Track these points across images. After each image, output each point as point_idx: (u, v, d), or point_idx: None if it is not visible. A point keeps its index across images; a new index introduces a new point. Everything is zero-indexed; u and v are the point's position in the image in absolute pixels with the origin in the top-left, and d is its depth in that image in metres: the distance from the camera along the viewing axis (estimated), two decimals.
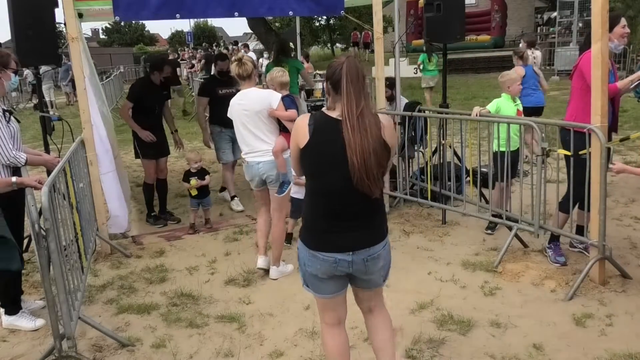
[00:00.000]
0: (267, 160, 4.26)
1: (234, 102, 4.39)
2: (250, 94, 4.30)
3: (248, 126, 4.29)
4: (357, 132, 2.32)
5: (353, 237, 2.45)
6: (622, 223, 5.25)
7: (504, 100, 5.02)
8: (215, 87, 6.34)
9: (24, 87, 20.04)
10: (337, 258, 2.45)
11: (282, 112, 4.23)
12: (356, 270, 2.50)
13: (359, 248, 2.45)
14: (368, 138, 2.32)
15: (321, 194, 2.47)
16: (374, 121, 2.37)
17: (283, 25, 31.87)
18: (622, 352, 3.17)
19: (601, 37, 3.72)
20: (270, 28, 17.64)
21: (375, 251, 2.49)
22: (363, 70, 2.45)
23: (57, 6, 4.77)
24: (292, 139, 2.55)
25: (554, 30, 23.69)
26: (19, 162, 3.61)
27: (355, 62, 2.43)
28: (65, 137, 4.75)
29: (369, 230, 2.48)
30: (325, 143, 2.41)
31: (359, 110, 2.33)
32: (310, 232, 2.53)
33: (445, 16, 5.43)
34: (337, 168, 2.37)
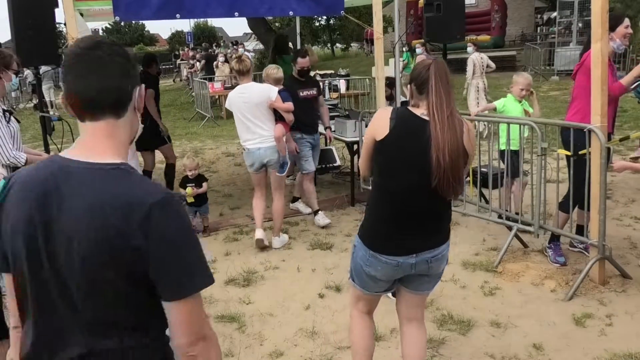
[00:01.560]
0: (268, 146, 4.87)
1: (234, 95, 4.95)
2: (251, 87, 4.91)
3: (248, 116, 4.86)
4: (447, 131, 2.23)
5: (421, 239, 2.39)
6: (622, 223, 5.25)
7: (510, 100, 5.07)
8: (296, 89, 5.41)
9: (24, 88, 20.03)
10: (400, 261, 2.39)
11: (280, 103, 4.86)
12: (419, 271, 2.45)
13: (424, 249, 2.39)
14: (457, 138, 2.25)
15: (392, 192, 2.37)
16: (460, 123, 2.30)
17: (283, 25, 31.87)
18: (622, 352, 3.17)
19: (601, 37, 3.72)
20: (270, 28, 17.64)
21: (440, 252, 2.43)
22: (449, 72, 2.37)
23: (57, 6, 4.77)
24: (369, 130, 2.40)
25: (553, 30, 23.70)
26: (19, 162, 3.61)
27: (443, 63, 2.35)
28: (65, 137, 4.75)
29: (437, 232, 2.43)
30: (406, 139, 2.32)
31: (449, 110, 2.26)
32: (374, 233, 2.45)
33: (445, 16, 5.43)
34: (415, 166, 2.29)
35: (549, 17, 29.17)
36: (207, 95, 14.07)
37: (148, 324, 1.31)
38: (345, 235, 5.35)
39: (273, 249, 5.09)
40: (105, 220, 1.20)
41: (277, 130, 4.89)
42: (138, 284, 1.24)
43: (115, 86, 1.31)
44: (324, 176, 7.69)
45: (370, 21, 5.75)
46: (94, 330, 1.27)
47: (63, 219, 1.23)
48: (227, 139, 11.07)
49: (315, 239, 5.26)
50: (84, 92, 1.29)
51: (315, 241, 5.19)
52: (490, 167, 5.46)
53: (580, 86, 4.25)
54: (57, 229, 1.23)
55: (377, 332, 3.51)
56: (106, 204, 1.21)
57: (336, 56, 37.97)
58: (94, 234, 1.20)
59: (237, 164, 8.35)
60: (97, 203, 1.21)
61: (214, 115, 14.05)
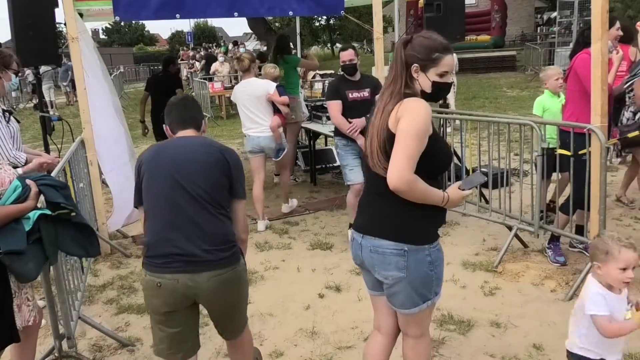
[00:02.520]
0: (266, 136, 5.54)
1: (238, 88, 5.72)
2: (253, 82, 5.62)
3: (250, 108, 5.55)
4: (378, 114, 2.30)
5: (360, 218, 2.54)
6: (622, 223, 5.25)
7: (547, 97, 4.97)
8: (344, 90, 4.99)
9: (24, 88, 20.03)
10: (354, 238, 2.57)
11: (277, 97, 5.49)
12: (367, 261, 2.43)
13: (363, 231, 2.46)
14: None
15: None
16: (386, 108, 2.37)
17: (283, 25, 31.88)
18: (622, 352, 3.17)
19: (601, 37, 3.72)
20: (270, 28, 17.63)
21: (380, 246, 2.30)
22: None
23: (57, 6, 4.77)
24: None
25: (553, 30, 23.69)
26: (19, 162, 3.61)
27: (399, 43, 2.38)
28: (65, 137, 4.75)
29: (374, 220, 2.45)
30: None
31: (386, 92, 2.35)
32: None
33: (445, 16, 5.43)
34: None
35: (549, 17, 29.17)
36: (207, 95, 14.07)
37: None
38: (346, 235, 5.34)
39: (273, 250, 5.10)
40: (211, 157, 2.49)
41: (273, 121, 5.53)
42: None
43: (196, 116, 2.70)
44: (324, 176, 7.69)
45: (370, 21, 5.75)
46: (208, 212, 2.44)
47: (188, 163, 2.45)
48: (227, 139, 11.08)
49: (315, 239, 5.26)
50: (182, 117, 2.66)
51: (315, 241, 5.19)
52: (490, 167, 5.46)
53: (570, 90, 4.30)
54: (185, 167, 2.44)
55: None
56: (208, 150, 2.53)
57: (336, 56, 37.99)
58: (207, 165, 2.46)
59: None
60: (203, 149, 2.52)
61: (214, 115, 14.05)
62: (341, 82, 5.04)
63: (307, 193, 6.89)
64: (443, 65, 2.23)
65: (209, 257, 2.37)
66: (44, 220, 2.50)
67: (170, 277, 2.37)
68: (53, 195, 2.58)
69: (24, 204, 2.47)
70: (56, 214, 2.55)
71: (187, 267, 2.36)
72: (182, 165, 2.43)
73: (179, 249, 2.36)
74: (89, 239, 2.74)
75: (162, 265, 2.38)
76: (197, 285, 2.38)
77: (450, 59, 2.24)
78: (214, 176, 2.44)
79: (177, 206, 2.39)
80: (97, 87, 5.06)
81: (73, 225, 2.65)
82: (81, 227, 2.69)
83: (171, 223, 2.39)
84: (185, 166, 2.43)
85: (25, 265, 2.40)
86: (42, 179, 2.63)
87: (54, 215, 2.55)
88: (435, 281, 2.37)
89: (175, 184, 2.40)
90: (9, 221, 2.41)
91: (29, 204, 2.48)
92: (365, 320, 3.68)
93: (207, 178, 2.42)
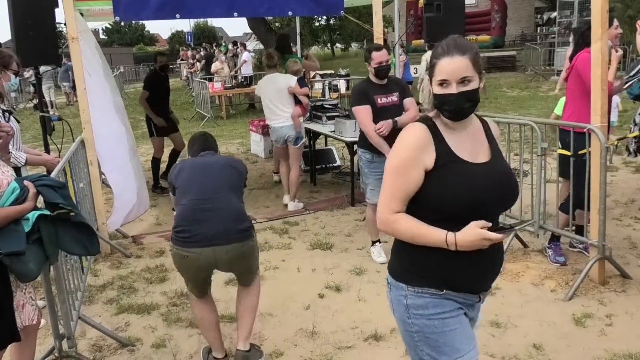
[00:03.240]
0: (288, 125, 6.07)
1: (263, 82, 6.33)
2: (276, 77, 6.19)
3: (273, 101, 6.10)
4: None
5: None
6: (622, 223, 5.25)
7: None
8: (372, 94, 4.48)
9: (25, 88, 20.03)
10: None
11: (298, 89, 6.06)
12: None
13: None
14: None
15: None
16: None
17: (283, 25, 31.87)
18: (622, 352, 3.17)
19: (601, 37, 3.72)
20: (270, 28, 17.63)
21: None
22: None
23: (57, 6, 4.76)
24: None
25: (553, 30, 23.68)
26: (19, 161, 3.61)
27: None
28: (65, 137, 4.75)
29: None
30: None
31: None
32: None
33: (445, 16, 5.42)
34: None
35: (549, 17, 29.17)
36: (207, 95, 14.07)
37: None
38: (345, 235, 5.35)
39: (273, 250, 5.10)
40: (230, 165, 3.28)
41: (295, 111, 6.09)
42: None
43: (214, 147, 3.46)
44: (324, 176, 7.69)
45: (370, 21, 5.75)
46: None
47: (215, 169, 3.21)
48: (227, 139, 11.07)
49: (315, 239, 5.26)
50: (203, 148, 3.40)
51: (315, 241, 5.19)
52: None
53: (570, 89, 4.29)
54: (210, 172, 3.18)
55: (377, 332, 3.52)
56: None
57: (336, 56, 37.96)
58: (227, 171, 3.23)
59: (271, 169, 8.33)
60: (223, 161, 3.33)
61: (214, 115, 14.05)
62: (368, 85, 4.55)
63: (307, 193, 6.89)
64: (438, 72, 1.86)
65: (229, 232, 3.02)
66: (43, 221, 2.51)
67: (194, 250, 2.98)
68: (52, 195, 2.59)
69: (23, 205, 2.47)
70: (55, 214, 2.55)
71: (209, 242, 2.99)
72: (210, 167, 3.21)
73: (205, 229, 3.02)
74: (89, 238, 2.74)
75: (188, 239, 3.00)
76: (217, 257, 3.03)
77: (446, 63, 1.83)
78: (234, 172, 3.26)
79: (204, 193, 3.09)
80: (98, 87, 5.06)
81: (73, 225, 2.66)
82: (81, 226, 2.70)
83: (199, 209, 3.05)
84: (213, 167, 3.22)
85: (26, 265, 2.40)
86: (40, 179, 2.63)
87: (54, 215, 2.55)
88: (422, 340, 1.95)
89: (202, 177, 3.15)
90: (8, 223, 2.41)
91: (27, 205, 2.49)
92: (365, 320, 3.69)
93: (229, 173, 3.23)
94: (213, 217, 2.99)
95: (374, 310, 3.81)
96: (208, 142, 3.46)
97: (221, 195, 3.08)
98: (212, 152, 3.40)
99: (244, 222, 3.09)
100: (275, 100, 6.08)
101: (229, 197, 3.10)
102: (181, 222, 3.03)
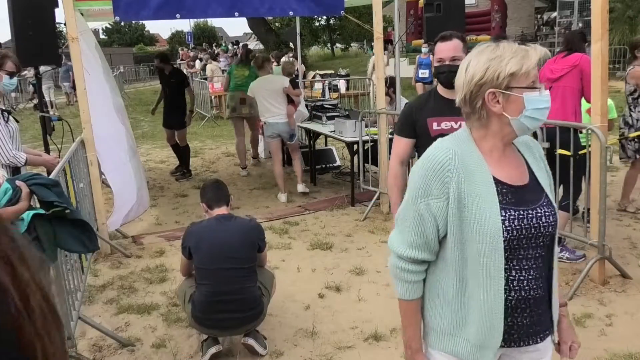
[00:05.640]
0: (282, 122, 6.50)
1: (258, 84, 6.63)
2: (270, 78, 6.72)
3: (269, 100, 6.45)
4: None
5: None
6: (622, 223, 5.25)
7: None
8: (425, 116, 2.87)
9: (25, 88, 20.02)
10: None
11: (292, 90, 6.53)
12: None
13: None
14: None
15: None
16: None
17: (283, 25, 31.86)
18: (622, 352, 3.17)
19: (601, 37, 3.72)
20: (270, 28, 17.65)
21: None
22: None
23: (57, 6, 4.76)
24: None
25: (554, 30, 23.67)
26: (19, 162, 3.60)
27: None
28: (65, 137, 4.75)
29: None
30: None
31: None
32: None
33: (445, 16, 5.42)
34: None
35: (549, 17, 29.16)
36: (207, 95, 14.06)
37: None
38: (346, 235, 5.35)
39: (273, 250, 5.10)
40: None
41: (289, 109, 6.50)
42: None
43: (227, 195, 3.47)
44: (324, 176, 7.69)
45: (370, 21, 5.75)
46: None
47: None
48: (227, 139, 11.07)
49: (315, 239, 5.26)
50: (217, 197, 3.43)
51: (315, 241, 5.19)
52: None
53: (570, 87, 4.30)
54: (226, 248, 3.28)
55: (377, 332, 3.52)
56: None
57: (336, 56, 37.95)
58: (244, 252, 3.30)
59: (237, 163, 8.34)
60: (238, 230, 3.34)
61: (214, 115, 14.05)
62: (428, 100, 2.94)
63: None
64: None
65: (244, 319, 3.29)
66: (39, 220, 2.49)
67: (212, 332, 3.33)
68: (45, 194, 2.56)
69: (16, 206, 2.44)
70: (51, 212, 2.54)
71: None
72: (226, 248, 3.22)
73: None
74: (87, 234, 2.73)
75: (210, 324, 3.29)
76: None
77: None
78: (249, 252, 3.29)
79: (222, 279, 3.21)
80: (98, 87, 5.06)
81: (70, 222, 2.64)
82: (78, 223, 2.68)
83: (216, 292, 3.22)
84: (228, 248, 3.22)
85: None
86: (32, 178, 2.60)
87: (49, 214, 2.54)
88: None
89: (219, 261, 3.21)
90: None
91: (21, 206, 2.46)
92: (365, 320, 3.69)
93: (244, 255, 3.26)
94: (230, 310, 3.20)
95: (374, 310, 3.81)
96: (222, 191, 3.45)
97: (237, 287, 3.22)
98: (227, 216, 3.35)
99: (257, 307, 3.30)
100: (271, 99, 6.46)
101: (243, 285, 3.24)
102: (201, 306, 3.23)
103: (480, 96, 1.56)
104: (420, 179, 1.61)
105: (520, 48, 1.56)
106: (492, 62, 1.54)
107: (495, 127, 1.60)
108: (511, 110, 1.55)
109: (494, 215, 1.56)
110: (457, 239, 1.59)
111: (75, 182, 4.40)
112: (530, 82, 1.55)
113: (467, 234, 1.58)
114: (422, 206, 1.60)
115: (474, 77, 1.56)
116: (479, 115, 1.59)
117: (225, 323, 3.25)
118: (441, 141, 1.66)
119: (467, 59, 1.63)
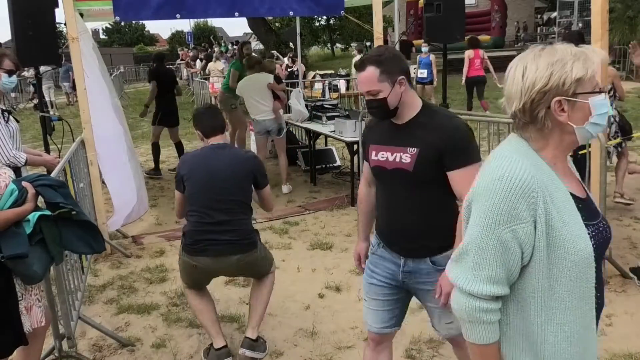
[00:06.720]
0: (270, 118, 6.76)
1: (245, 83, 6.84)
2: (255, 76, 6.86)
3: (256, 97, 6.72)
4: None
5: None
6: (622, 223, 5.24)
7: None
8: (371, 140, 2.51)
9: (27, 87, 20.02)
10: None
11: (276, 85, 6.87)
12: None
13: None
14: None
15: None
16: None
17: (283, 25, 31.87)
18: (622, 352, 3.17)
19: (601, 37, 3.72)
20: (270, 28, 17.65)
21: None
22: None
23: (57, 6, 4.77)
24: None
25: (553, 30, 23.69)
26: (19, 161, 3.60)
27: None
28: (65, 137, 4.75)
29: None
30: None
31: None
32: None
33: (445, 16, 5.43)
34: None
35: (549, 17, 29.18)
36: (207, 95, 14.06)
37: None
38: (345, 235, 5.34)
39: (273, 250, 5.09)
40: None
41: (275, 105, 6.77)
42: None
43: (222, 123, 3.31)
44: (324, 176, 7.69)
45: (370, 21, 5.75)
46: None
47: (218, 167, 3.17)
48: None
49: (315, 239, 5.26)
50: (213, 125, 3.25)
51: (315, 241, 5.19)
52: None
53: None
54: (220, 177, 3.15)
55: None
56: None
57: (336, 56, 37.96)
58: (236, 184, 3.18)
59: None
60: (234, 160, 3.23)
61: None
62: (382, 121, 2.44)
63: (307, 193, 6.89)
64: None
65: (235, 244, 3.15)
66: (45, 221, 2.49)
67: (203, 260, 3.13)
68: (51, 195, 2.56)
69: (22, 207, 2.44)
70: (56, 213, 2.54)
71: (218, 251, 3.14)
72: (218, 176, 3.13)
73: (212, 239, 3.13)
74: (93, 235, 2.73)
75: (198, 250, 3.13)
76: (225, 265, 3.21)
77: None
78: (242, 182, 3.19)
79: (212, 208, 3.12)
80: (97, 88, 5.06)
81: (76, 223, 2.64)
82: (84, 224, 2.68)
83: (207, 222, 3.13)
84: (220, 176, 3.13)
85: (30, 268, 2.38)
86: (38, 179, 2.61)
87: (55, 215, 2.53)
88: None
89: (211, 190, 3.12)
90: (9, 226, 2.39)
91: (27, 207, 2.46)
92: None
93: (236, 185, 3.15)
94: (220, 232, 3.11)
95: None
96: (217, 119, 3.30)
97: (228, 218, 3.13)
98: (222, 145, 3.25)
99: (249, 238, 3.21)
100: (258, 97, 6.72)
101: (235, 217, 3.15)
102: (190, 234, 3.16)
103: (543, 105, 1.42)
104: (501, 202, 1.40)
105: (580, 50, 1.44)
106: (555, 67, 1.40)
107: (557, 137, 1.47)
108: (576, 119, 1.43)
109: (583, 233, 1.44)
110: (544, 265, 1.42)
111: (76, 182, 4.40)
112: (594, 86, 1.43)
113: (555, 258, 1.42)
114: (505, 233, 1.40)
115: (535, 84, 1.41)
116: (542, 125, 1.45)
117: (215, 246, 3.10)
118: (507, 156, 1.47)
119: (519, 63, 1.48)
